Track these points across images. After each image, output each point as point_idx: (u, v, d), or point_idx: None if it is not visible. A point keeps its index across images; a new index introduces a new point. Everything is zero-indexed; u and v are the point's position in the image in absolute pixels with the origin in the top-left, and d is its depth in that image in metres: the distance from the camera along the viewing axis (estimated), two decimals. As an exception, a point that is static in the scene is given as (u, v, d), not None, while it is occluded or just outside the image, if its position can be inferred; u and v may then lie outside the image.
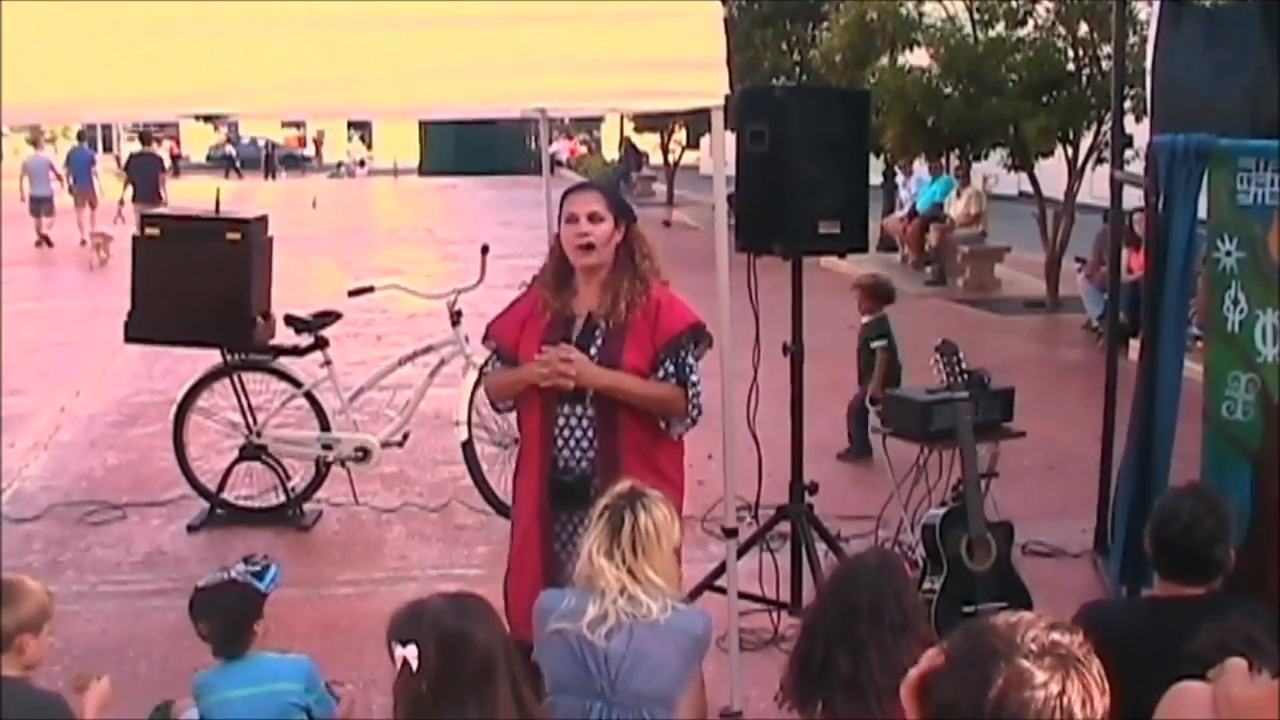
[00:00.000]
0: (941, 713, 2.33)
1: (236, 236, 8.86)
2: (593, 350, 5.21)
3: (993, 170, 20.81)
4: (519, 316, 5.37)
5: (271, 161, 59.17)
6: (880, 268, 21.83)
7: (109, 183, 29.44)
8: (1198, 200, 6.60)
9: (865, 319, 10.37)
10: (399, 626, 3.62)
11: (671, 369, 5.25)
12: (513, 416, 6.13)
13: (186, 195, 28.44)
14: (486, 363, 5.54)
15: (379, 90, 4.92)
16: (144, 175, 26.33)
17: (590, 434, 5.23)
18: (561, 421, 5.22)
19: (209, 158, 62.15)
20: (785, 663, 3.87)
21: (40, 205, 27.97)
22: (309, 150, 67.87)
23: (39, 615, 4.47)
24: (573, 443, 5.23)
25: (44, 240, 27.73)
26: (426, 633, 3.57)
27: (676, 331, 5.26)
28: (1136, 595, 6.19)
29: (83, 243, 26.11)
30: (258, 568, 4.90)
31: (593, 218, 5.19)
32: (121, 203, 26.91)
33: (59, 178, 28.75)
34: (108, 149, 34.69)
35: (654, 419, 5.30)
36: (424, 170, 57.50)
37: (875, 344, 10.12)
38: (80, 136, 33.42)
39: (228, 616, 4.79)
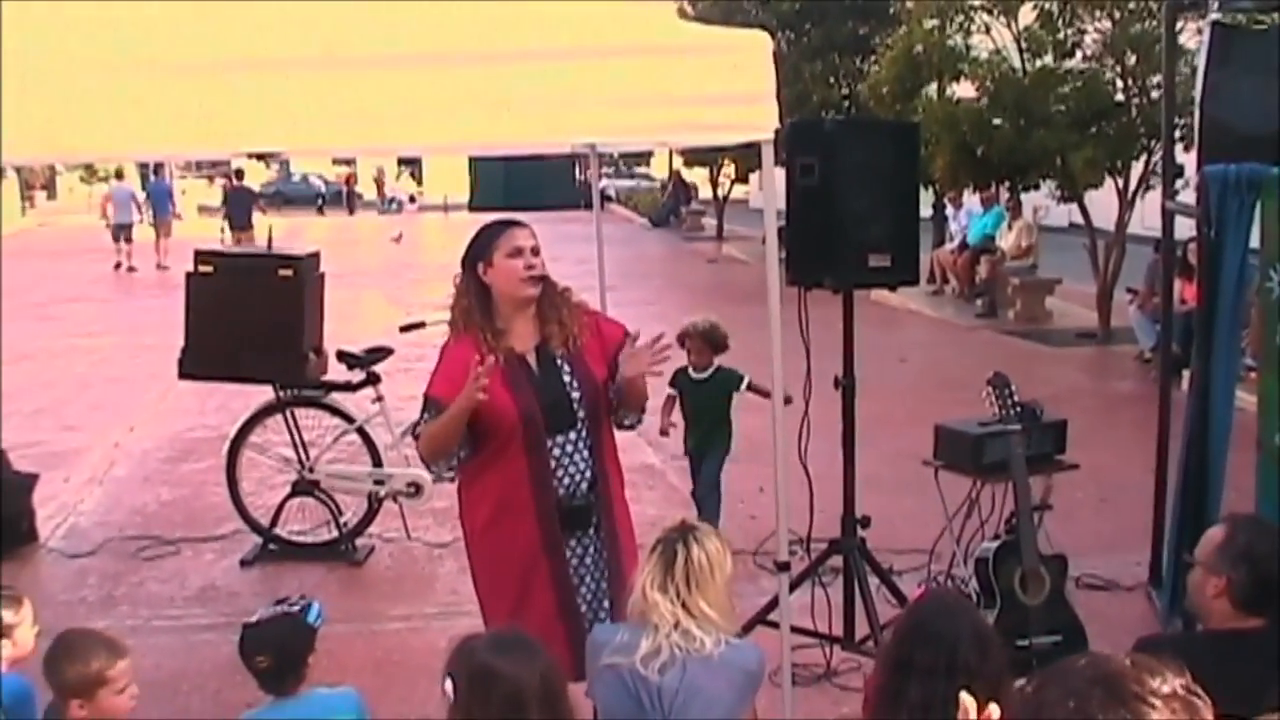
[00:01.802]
0: None
1: (289, 273, 8.93)
2: (567, 378, 5.28)
3: (1043, 201, 20.73)
4: (460, 371, 5.10)
5: (351, 198, 60.68)
6: (928, 300, 21.86)
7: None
8: (1250, 230, 6.56)
9: (703, 373, 8.91)
10: (448, 661, 3.67)
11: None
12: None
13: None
14: (415, 425, 5.43)
15: (428, 128, 4.93)
16: (239, 207, 31.13)
17: (586, 455, 5.31)
18: (558, 452, 5.25)
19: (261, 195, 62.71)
20: (850, 698, 3.85)
21: (122, 232, 30.76)
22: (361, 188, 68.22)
23: (79, 681, 4.45)
24: (573, 469, 5.28)
25: (127, 267, 30.38)
26: (460, 667, 3.61)
27: (620, 338, 5.38)
28: (1192, 629, 6.14)
29: (158, 266, 29.12)
30: (297, 606, 4.88)
31: (535, 251, 5.28)
32: (222, 230, 30.82)
33: (139, 207, 32.01)
34: (142, 187, 36.82)
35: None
36: (474, 206, 57.64)
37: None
38: (119, 174, 35.07)
39: (283, 649, 4.76)
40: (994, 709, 2.43)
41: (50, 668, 4.50)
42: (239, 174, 33.01)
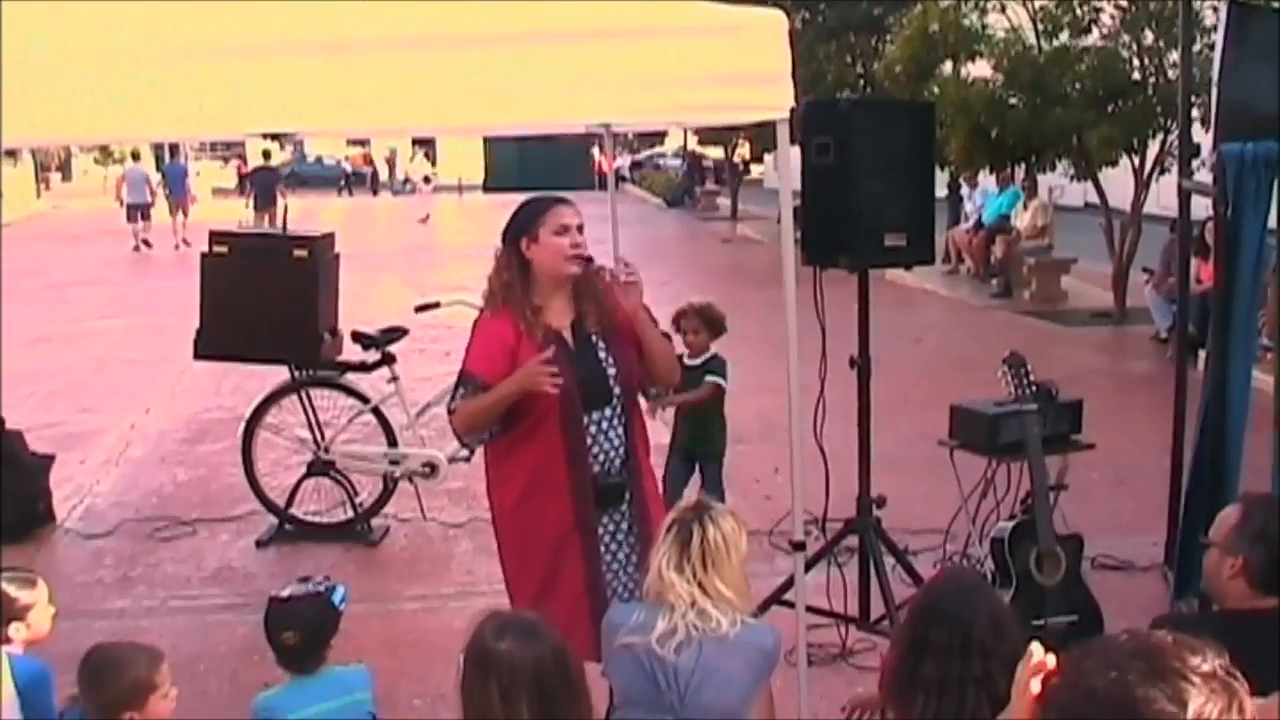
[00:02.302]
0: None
1: (303, 254, 8.93)
2: (602, 354, 5.33)
3: (1058, 182, 20.68)
4: (498, 346, 5.23)
5: (375, 180, 61.68)
6: (944, 280, 21.83)
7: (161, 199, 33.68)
8: (1268, 209, 6.53)
9: (696, 359, 8.28)
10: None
11: None
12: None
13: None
14: (450, 400, 5.42)
15: (442, 108, 4.92)
16: (264, 187, 32.67)
17: (621, 432, 5.34)
18: (594, 429, 5.27)
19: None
20: (865, 677, 3.84)
21: (137, 211, 31.86)
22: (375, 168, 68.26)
23: (131, 690, 4.41)
24: (607, 446, 5.31)
25: (143, 244, 31.48)
26: (466, 648, 3.65)
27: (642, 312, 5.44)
28: (1207, 608, 6.13)
29: (176, 246, 30.03)
30: (324, 587, 4.89)
31: (580, 229, 5.30)
32: (246, 207, 32.47)
33: (151, 190, 32.94)
34: (157, 168, 38.05)
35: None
36: (488, 187, 57.59)
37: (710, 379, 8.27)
38: (135, 156, 35.97)
39: (311, 628, 4.76)
40: (1050, 657, 2.47)
41: (94, 684, 4.41)
42: (265, 155, 33.73)
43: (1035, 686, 2.48)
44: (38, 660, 4.88)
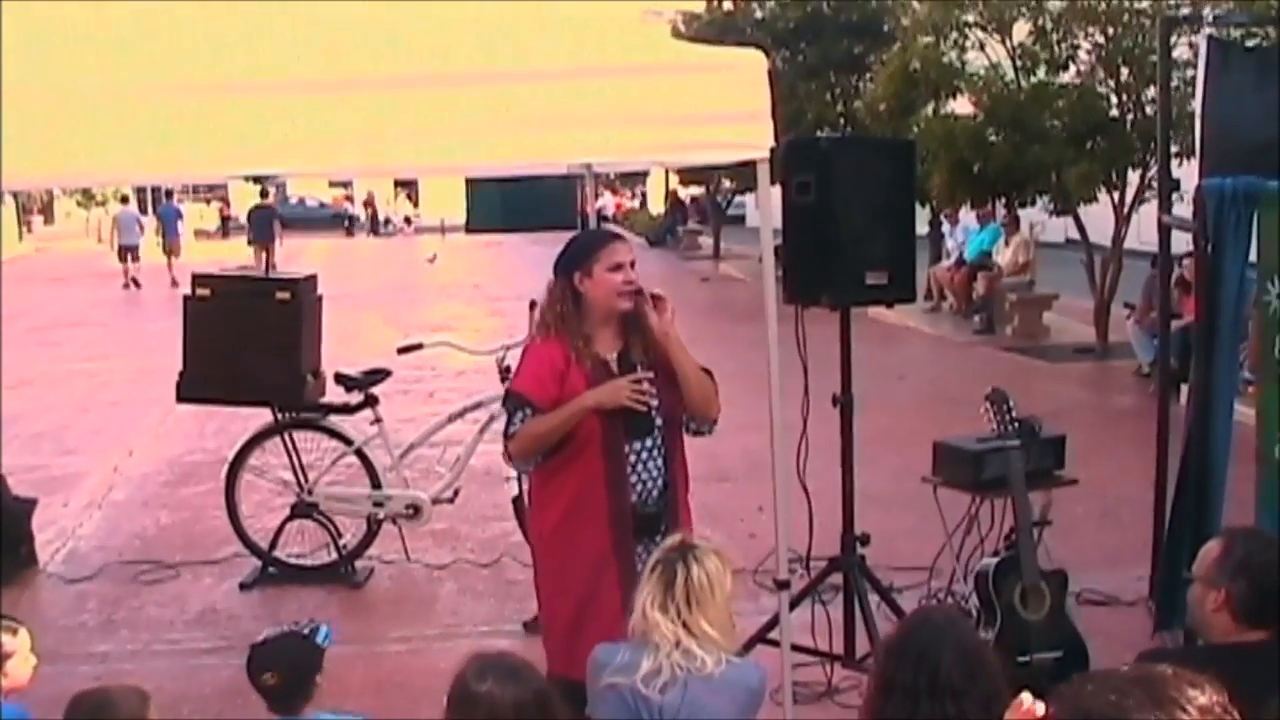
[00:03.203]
0: None
1: (286, 295, 8.93)
2: (647, 386, 5.38)
3: (1039, 217, 20.75)
4: (548, 371, 5.38)
5: (375, 221, 62.22)
6: (926, 317, 21.87)
7: (151, 240, 35.42)
8: (1249, 243, 6.56)
9: None
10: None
11: None
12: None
13: (239, 255, 29.76)
14: (507, 425, 5.48)
15: (423, 149, 4.95)
16: (262, 224, 35.00)
17: (660, 463, 5.44)
18: (634, 458, 5.38)
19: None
20: (851, 716, 3.82)
21: (128, 252, 33.20)
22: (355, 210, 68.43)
23: None
24: (646, 477, 5.42)
25: (132, 283, 32.75)
26: (450, 689, 3.65)
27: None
28: (1192, 643, 6.13)
29: (174, 283, 29.59)
30: (306, 630, 4.88)
31: (632, 264, 5.45)
32: (249, 243, 34.89)
33: (141, 230, 34.37)
34: (144, 210, 38.97)
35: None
36: (471, 227, 57.68)
37: None
38: (124, 200, 37.16)
39: (293, 666, 4.74)
40: (1039, 705, 2.52)
41: None
42: (263, 193, 35.81)
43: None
44: (18, 706, 4.85)
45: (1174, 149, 9.80)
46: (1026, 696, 2.57)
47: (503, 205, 54.05)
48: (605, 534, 5.33)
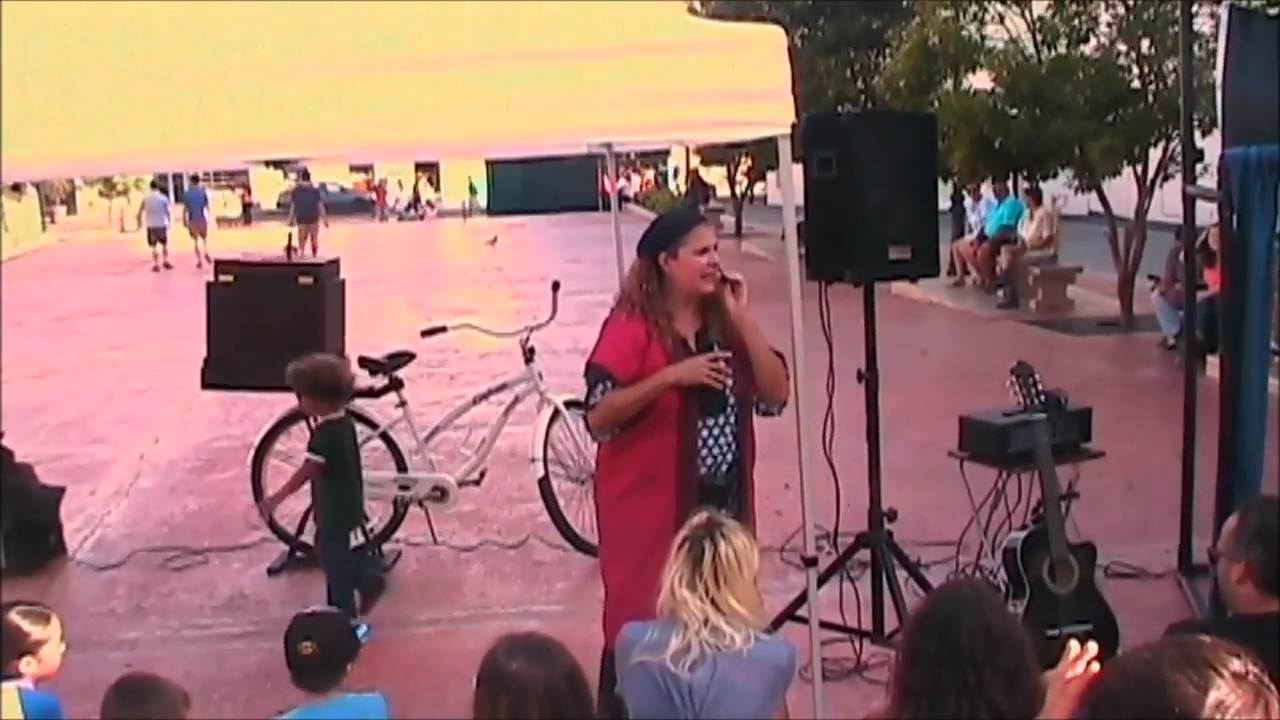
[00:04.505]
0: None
1: (309, 280, 8.94)
2: (723, 364, 5.52)
3: (1061, 190, 20.66)
4: (629, 346, 5.52)
5: (417, 205, 62.44)
6: (950, 292, 21.81)
7: (177, 228, 35.67)
8: (1275, 212, 6.52)
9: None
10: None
11: None
12: (590, 451, 6.20)
13: (262, 241, 29.90)
14: (588, 396, 5.62)
15: (444, 131, 4.94)
16: (305, 204, 35.64)
17: (731, 439, 5.62)
18: (705, 434, 5.56)
19: (279, 204, 63.02)
20: (880, 692, 3.81)
21: (156, 235, 34.15)
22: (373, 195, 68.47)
23: (168, 712, 4.35)
24: (717, 452, 5.60)
25: (163, 266, 33.90)
26: (480, 669, 3.67)
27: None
28: (1222, 613, 6.11)
29: (199, 265, 30.52)
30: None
31: (715, 247, 5.62)
32: (291, 224, 34.10)
33: (168, 214, 35.01)
34: (176, 198, 39.19)
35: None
36: (492, 210, 57.69)
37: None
38: (153, 184, 37.49)
39: (333, 642, 4.78)
40: (1091, 646, 2.59)
41: (133, 702, 4.37)
42: (304, 174, 36.60)
43: (1079, 668, 2.58)
44: (48, 695, 4.87)
45: (1196, 120, 9.73)
46: (1075, 644, 2.61)
47: (524, 187, 54.03)
48: (671, 504, 5.40)
